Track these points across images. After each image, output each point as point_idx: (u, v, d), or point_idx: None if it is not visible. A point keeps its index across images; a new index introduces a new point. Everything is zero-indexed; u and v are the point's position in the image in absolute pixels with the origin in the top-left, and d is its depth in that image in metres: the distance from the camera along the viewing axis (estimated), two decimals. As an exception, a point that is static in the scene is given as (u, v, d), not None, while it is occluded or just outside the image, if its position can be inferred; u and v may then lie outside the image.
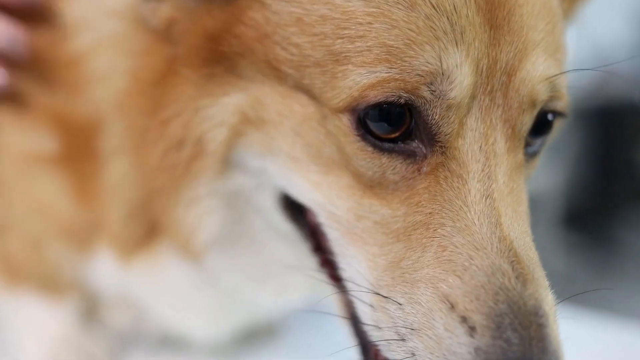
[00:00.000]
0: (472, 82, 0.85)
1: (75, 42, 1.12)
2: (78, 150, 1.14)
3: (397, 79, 0.83)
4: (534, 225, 0.89)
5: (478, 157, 0.86)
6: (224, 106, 0.98)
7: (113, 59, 1.08)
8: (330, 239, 0.95)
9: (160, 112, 1.02)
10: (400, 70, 0.83)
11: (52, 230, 1.19)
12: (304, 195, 0.96)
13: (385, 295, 0.86)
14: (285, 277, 1.16)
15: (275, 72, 0.93)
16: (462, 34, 0.84)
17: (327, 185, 0.92)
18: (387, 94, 0.83)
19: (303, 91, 0.91)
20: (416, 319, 0.82)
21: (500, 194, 0.85)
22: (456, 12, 0.84)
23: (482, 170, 0.86)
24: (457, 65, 0.84)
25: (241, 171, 1.03)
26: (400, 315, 0.84)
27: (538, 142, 0.95)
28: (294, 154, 0.94)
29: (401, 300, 0.84)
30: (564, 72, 0.91)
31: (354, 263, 0.91)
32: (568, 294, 0.92)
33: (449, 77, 0.84)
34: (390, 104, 0.84)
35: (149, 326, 1.29)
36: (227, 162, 1.02)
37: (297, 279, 1.16)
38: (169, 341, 1.30)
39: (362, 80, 0.85)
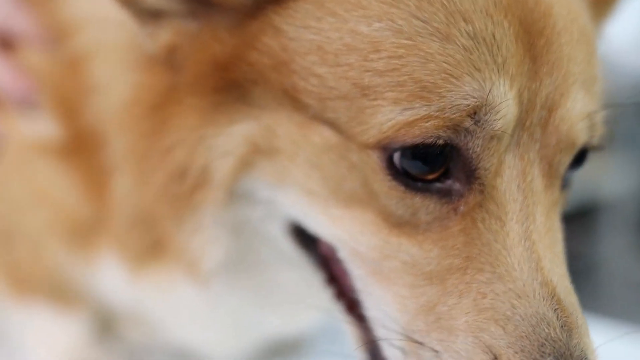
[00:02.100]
0: (517, 114, 0.81)
1: (76, 41, 1.06)
2: (84, 143, 1.08)
3: (435, 117, 0.78)
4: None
5: (516, 196, 0.82)
6: (232, 135, 0.92)
7: (114, 69, 1.02)
8: (353, 276, 0.90)
9: (161, 137, 0.96)
10: (439, 106, 0.78)
11: (53, 223, 1.14)
12: (322, 229, 0.91)
13: (419, 341, 0.82)
14: (293, 301, 1.12)
15: (292, 101, 0.87)
16: (503, 64, 0.79)
17: (349, 221, 0.87)
18: (425, 134, 0.78)
19: (324, 122, 0.85)
20: None
21: (538, 235, 0.82)
22: (496, 42, 0.79)
23: (520, 211, 0.82)
24: (502, 95, 0.79)
25: (248, 201, 0.97)
26: None
27: (572, 175, 0.91)
28: (310, 186, 0.89)
29: (438, 348, 0.81)
30: (602, 109, 0.88)
31: (381, 303, 0.87)
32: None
33: (494, 106, 0.79)
34: (427, 145, 0.79)
35: (164, 341, 1.25)
36: (234, 193, 0.96)
37: (304, 303, 1.11)
38: (184, 356, 1.27)
39: (395, 117, 0.79)
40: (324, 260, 0.99)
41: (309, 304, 1.09)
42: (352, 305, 0.96)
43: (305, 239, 0.99)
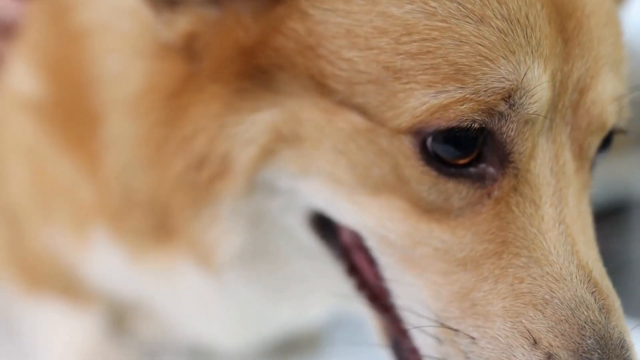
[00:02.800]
0: (551, 97, 0.80)
1: (79, 15, 1.04)
2: (74, 113, 1.07)
3: (470, 99, 0.77)
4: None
5: (549, 179, 0.81)
6: (254, 123, 0.90)
7: (125, 58, 0.99)
8: (382, 264, 0.89)
9: (179, 125, 0.94)
10: (474, 89, 0.77)
11: (35, 180, 1.13)
12: (348, 217, 0.89)
13: (454, 327, 0.81)
14: (307, 292, 1.11)
15: (318, 87, 0.85)
16: (537, 47, 0.78)
17: (377, 208, 0.86)
18: (461, 117, 0.77)
19: (352, 107, 0.84)
20: (494, 354, 0.78)
21: (571, 218, 0.81)
22: (529, 24, 0.78)
23: (554, 194, 0.81)
24: (536, 78, 0.78)
25: (268, 191, 0.95)
26: (475, 350, 0.79)
27: (598, 159, 0.91)
28: (336, 174, 0.87)
29: (474, 334, 0.80)
30: (631, 92, 0.88)
31: (412, 291, 0.85)
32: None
33: (529, 90, 0.78)
34: (462, 129, 0.78)
35: (176, 337, 1.24)
36: (254, 182, 0.94)
37: (318, 294, 1.11)
38: (198, 352, 1.26)
39: (429, 100, 0.78)
40: (345, 250, 0.97)
41: (325, 294, 1.08)
42: (375, 295, 0.95)
43: (325, 229, 0.97)
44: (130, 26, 1.00)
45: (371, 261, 0.93)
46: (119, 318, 1.23)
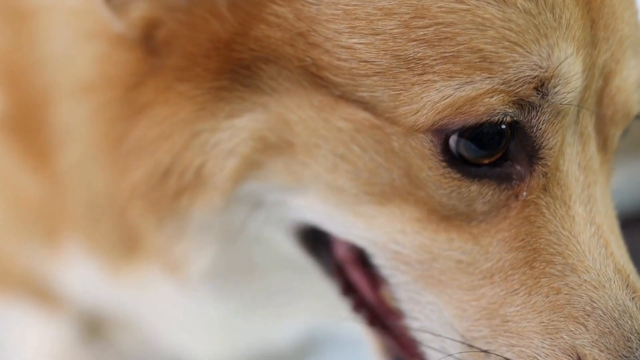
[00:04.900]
0: (584, 85, 0.72)
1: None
2: (28, 115, 0.98)
3: (501, 91, 0.68)
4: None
5: (577, 176, 0.74)
6: (234, 130, 0.78)
7: (72, 38, 0.89)
8: (394, 283, 0.79)
9: (140, 125, 0.81)
10: (504, 79, 0.68)
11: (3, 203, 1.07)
12: (352, 232, 0.79)
13: (483, 349, 0.73)
14: (286, 306, 1.04)
15: (313, 80, 0.74)
16: (568, 28, 0.70)
17: (387, 219, 0.76)
18: (491, 112, 0.68)
19: (354, 103, 0.73)
20: None
21: (601, 217, 0.74)
22: (557, 3, 0.70)
23: (582, 192, 0.74)
24: (571, 64, 0.70)
25: (249, 205, 0.84)
26: None
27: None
28: (336, 182, 0.76)
29: (508, 355, 0.72)
30: None
31: (433, 311, 0.76)
32: None
33: (565, 77, 0.70)
34: (493, 124, 0.69)
35: (155, 347, 1.19)
36: (233, 197, 0.82)
37: (298, 308, 1.05)
38: None
39: (453, 93, 0.68)
40: (339, 266, 0.87)
41: (305, 309, 1.04)
42: (376, 316, 0.86)
43: (316, 243, 0.87)
44: (77, 2, 0.88)
45: (372, 278, 0.84)
46: (94, 325, 1.19)
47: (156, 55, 0.79)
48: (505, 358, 0.72)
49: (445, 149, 0.71)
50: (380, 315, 0.85)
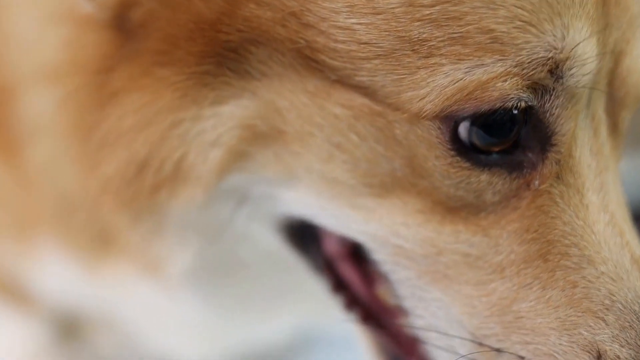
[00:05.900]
0: (599, 66, 0.68)
1: None
2: None
3: (515, 74, 0.64)
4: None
5: (589, 162, 0.70)
6: (219, 119, 0.72)
7: (36, 21, 0.84)
8: (396, 279, 0.74)
9: (113, 114, 0.75)
10: (517, 61, 0.63)
11: None
12: (349, 226, 0.74)
13: (495, 347, 0.69)
14: (273, 305, 1.01)
15: (306, 64, 0.68)
16: (581, 7, 0.66)
17: (387, 212, 0.71)
18: (505, 97, 0.64)
19: (353, 88, 0.68)
20: None
21: (613, 204, 0.71)
22: None
23: (595, 179, 0.71)
24: (587, 44, 0.66)
25: (234, 199, 0.78)
26: None
27: None
28: (331, 173, 0.72)
29: (523, 353, 0.68)
30: None
31: (439, 308, 0.72)
32: None
33: (581, 59, 0.66)
34: (505, 110, 0.65)
35: (137, 347, 1.15)
36: (216, 191, 0.76)
37: (285, 307, 1.01)
38: None
39: (463, 77, 0.64)
40: (329, 262, 0.82)
41: (293, 307, 1.00)
42: (370, 313, 0.82)
43: (304, 237, 0.82)
44: None
45: (365, 274, 0.80)
46: (70, 325, 1.15)
47: (130, 38, 0.72)
48: (519, 356, 0.68)
49: (454, 137, 0.67)
50: (374, 313, 0.81)
